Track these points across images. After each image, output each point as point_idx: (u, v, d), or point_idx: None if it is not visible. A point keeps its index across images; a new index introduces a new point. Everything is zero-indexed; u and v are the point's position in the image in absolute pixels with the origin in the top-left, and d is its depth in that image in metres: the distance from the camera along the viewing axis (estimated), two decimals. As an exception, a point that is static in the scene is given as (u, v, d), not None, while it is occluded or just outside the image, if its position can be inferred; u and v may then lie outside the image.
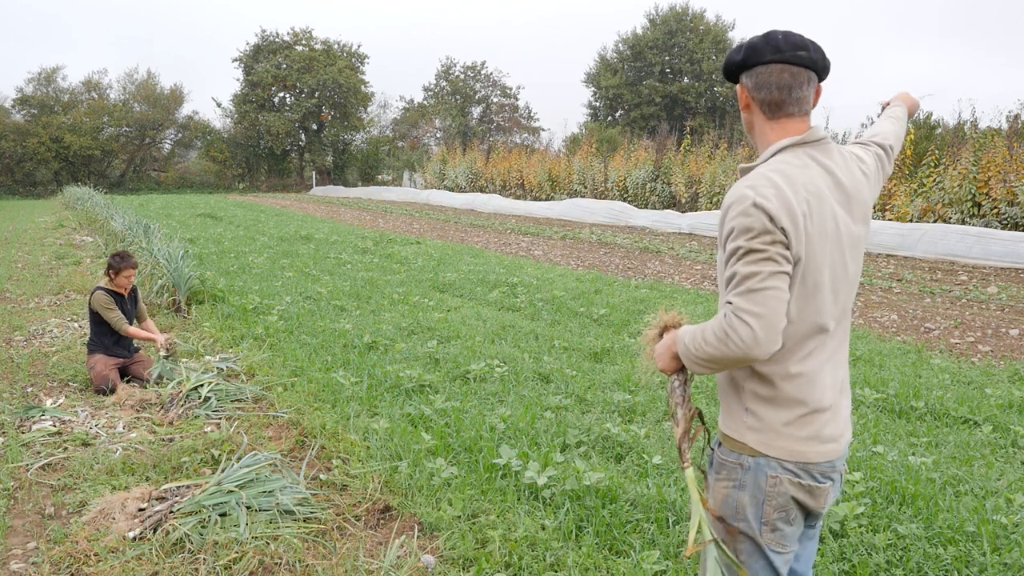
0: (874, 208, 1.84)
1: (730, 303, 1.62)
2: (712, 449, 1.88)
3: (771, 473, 1.72)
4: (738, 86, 1.82)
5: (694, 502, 1.80)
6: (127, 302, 5.85)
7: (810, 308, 1.68)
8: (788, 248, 1.61)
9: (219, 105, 68.97)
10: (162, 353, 5.78)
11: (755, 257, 1.59)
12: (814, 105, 1.80)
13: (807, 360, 1.71)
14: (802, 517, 1.79)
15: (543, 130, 54.93)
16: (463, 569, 3.02)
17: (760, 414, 1.73)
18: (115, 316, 5.61)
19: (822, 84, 1.80)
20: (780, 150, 1.73)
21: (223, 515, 3.37)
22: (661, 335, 1.92)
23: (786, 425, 1.71)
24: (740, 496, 1.75)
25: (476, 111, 55.13)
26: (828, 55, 1.77)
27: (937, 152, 15.16)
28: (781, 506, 1.73)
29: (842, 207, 1.72)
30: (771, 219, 1.59)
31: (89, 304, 5.71)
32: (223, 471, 3.73)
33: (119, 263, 5.73)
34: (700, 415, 1.95)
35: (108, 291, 5.71)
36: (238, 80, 50.51)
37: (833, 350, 1.76)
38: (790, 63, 1.72)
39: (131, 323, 5.92)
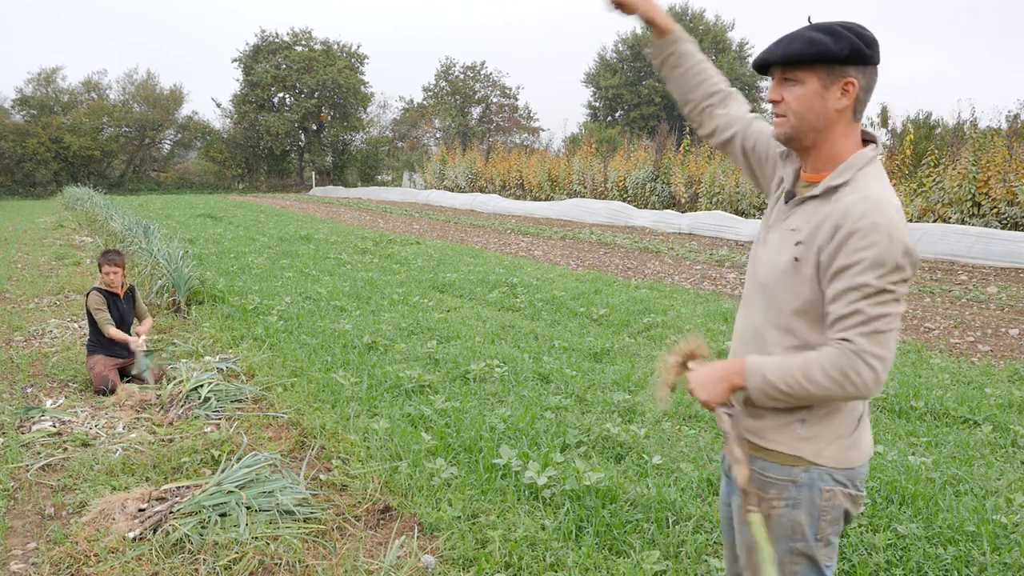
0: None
1: (848, 341, 1.53)
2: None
3: (824, 487, 1.68)
4: (845, 80, 1.61)
5: (763, 549, 1.68)
6: (123, 302, 5.86)
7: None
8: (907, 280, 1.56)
9: (219, 105, 68.90)
10: (140, 349, 5.58)
11: (886, 298, 1.52)
12: None
13: None
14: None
15: (543, 130, 55.04)
16: (463, 569, 3.02)
17: (815, 422, 1.68)
18: (102, 316, 5.62)
19: None
20: (869, 162, 1.64)
21: (223, 515, 3.37)
22: (684, 364, 1.82)
23: (840, 434, 1.69)
24: (795, 515, 1.69)
25: (476, 111, 55.15)
26: None
27: (936, 152, 15.15)
28: (835, 519, 1.70)
29: None
30: (906, 252, 1.52)
31: (85, 304, 5.75)
32: (223, 471, 3.74)
33: (100, 259, 5.86)
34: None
35: (102, 291, 5.72)
36: (238, 80, 50.61)
37: None
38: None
39: (130, 324, 5.94)
